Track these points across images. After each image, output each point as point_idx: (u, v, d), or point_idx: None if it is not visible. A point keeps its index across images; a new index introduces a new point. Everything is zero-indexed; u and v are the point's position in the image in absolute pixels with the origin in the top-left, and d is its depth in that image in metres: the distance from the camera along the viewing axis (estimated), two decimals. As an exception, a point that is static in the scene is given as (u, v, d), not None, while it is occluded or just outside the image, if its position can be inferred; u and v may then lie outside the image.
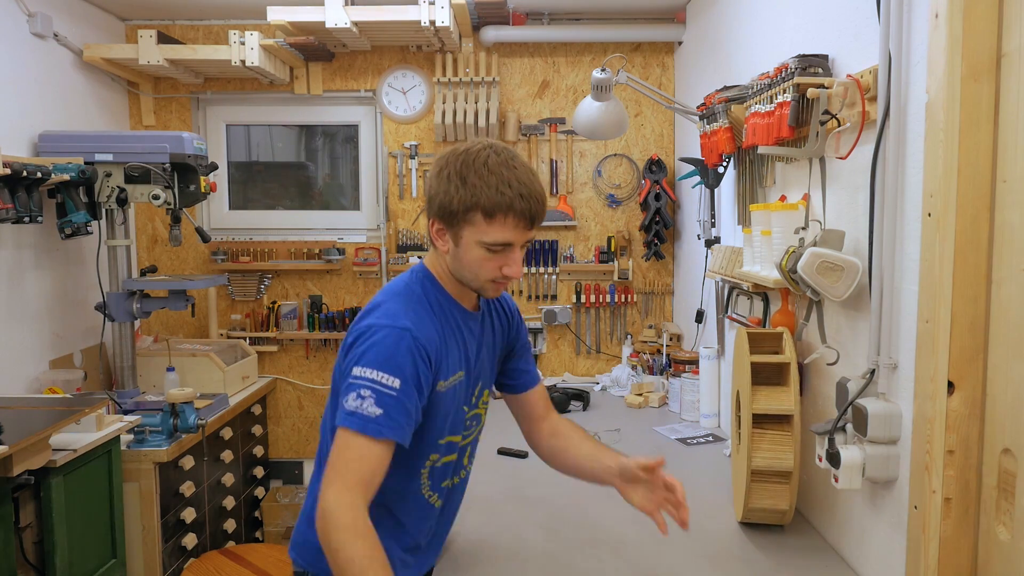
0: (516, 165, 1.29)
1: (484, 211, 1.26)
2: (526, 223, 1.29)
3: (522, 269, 1.35)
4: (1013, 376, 1.20)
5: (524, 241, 1.32)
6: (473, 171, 1.27)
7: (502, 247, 1.30)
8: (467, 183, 1.27)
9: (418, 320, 1.30)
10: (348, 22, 3.06)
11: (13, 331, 2.76)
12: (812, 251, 1.55)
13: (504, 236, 1.28)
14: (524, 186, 1.27)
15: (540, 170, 3.65)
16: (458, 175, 1.28)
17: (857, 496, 1.62)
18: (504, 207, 1.26)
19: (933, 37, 1.28)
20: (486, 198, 1.26)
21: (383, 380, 1.23)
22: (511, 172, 1.27)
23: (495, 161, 1.28)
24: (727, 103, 2.20)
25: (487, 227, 1.28)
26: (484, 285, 1.35)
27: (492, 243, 1.29)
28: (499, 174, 1.26)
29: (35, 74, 2.93)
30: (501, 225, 1.27)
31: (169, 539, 2.66)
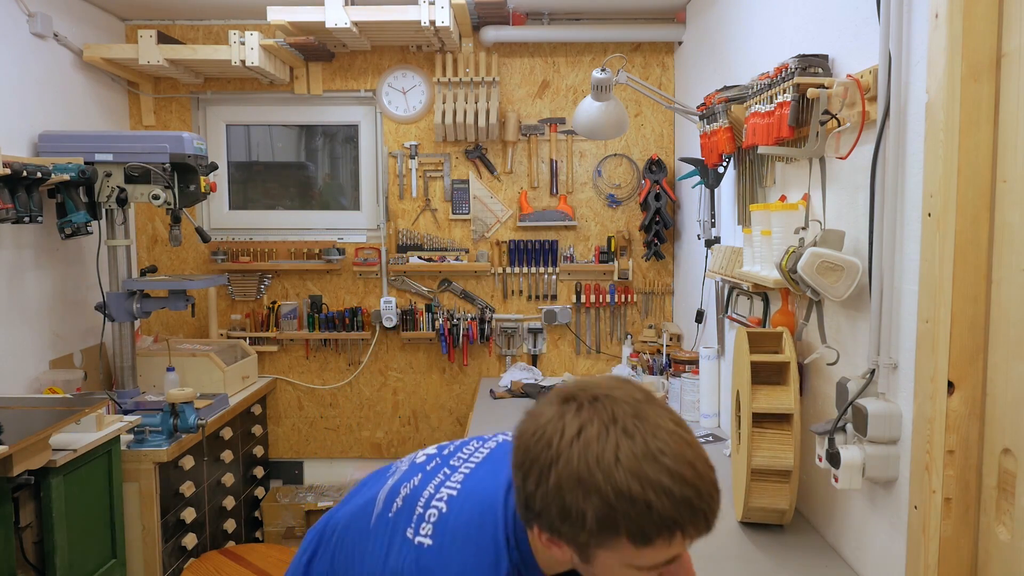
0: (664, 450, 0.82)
1: (634, 536, 0.83)
2: (696, 529, 0.85)
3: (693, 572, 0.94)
4: (1013, 376, 1.20)
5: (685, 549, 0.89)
6: (603, 475, 0.81)
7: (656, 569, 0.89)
8: (589, 495, 0.82)
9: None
10: (348, 22, 3.06)
11: (13, 331, 2.76)
12: (812, 251, 1.55)
13: (668, 554, 0.87)
14: (690, 486, 0.82)
15: (540, 170, 3.65)
16: (574, 480, 0.82)
17: (857, 496, 1.62)
18: (668, 527, 0.82)
19: (933, 37, 1.28)
20: (634, 518, 0.81)
21: None
22: (661, 463, 0.81)
23: (630, 452, 0.82)
24: (727, 103, 2.20)
25: (638, 552, 0.84)
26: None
27: (651, 566, 0.88)
28: (644, 476, 0.81)
29: (35, 74, 2.93)
30: (664, 548, 0.85)
31: (169, 539, 2.66)
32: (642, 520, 0.80)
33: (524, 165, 3.65)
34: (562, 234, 3.67)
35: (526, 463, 0.87)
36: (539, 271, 3.64)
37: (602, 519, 0.81)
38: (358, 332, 3.62)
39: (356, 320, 3.62)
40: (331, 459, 3.80)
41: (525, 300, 3.67)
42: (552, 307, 3.63)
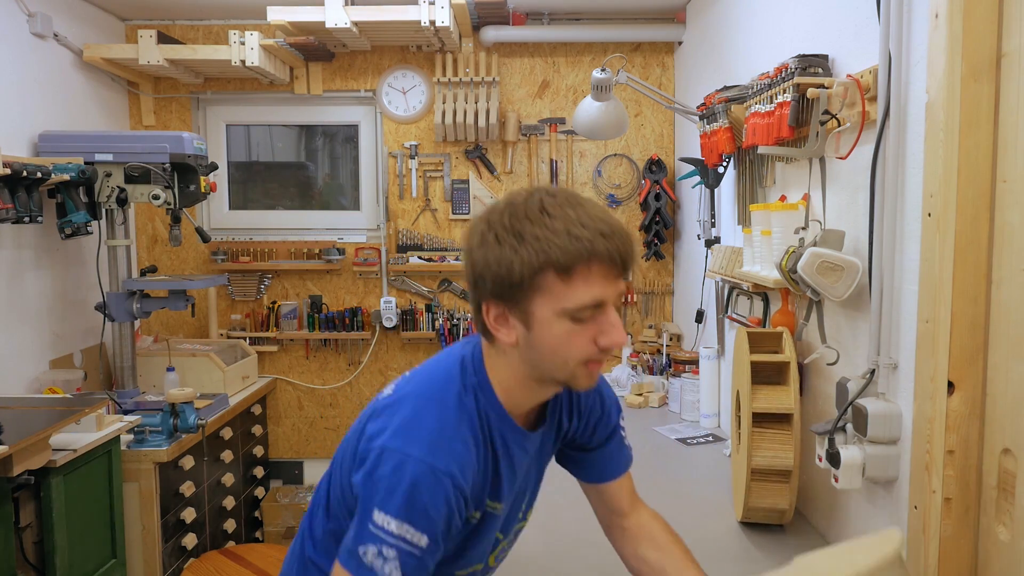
0: (582, 202, 0.98)
1: (558, 267, 0.94)
2: (616, 269, 0.97)
3: (624, 333, 1.03)
4: (1013, 376, 1.20)
5: (618, 295, 0.99)
6: (529, 221, 0.96)
7: (592, 310, 0.97)
8: (525, 238, 0.95)
9: (463, 454, 1.00)
10: (348, 22, 3.06)
11: (13, 331, 2.76)
12: (812, 251, 1.55)
13: (591, 294, 0.96)
14: (602, 222, 0.96)
15: (540, 170, 3.65)
16: (510, 232, 0.96)
17: (857, 496, 1.62)
18: (584, 254, 0.94)
19: (933, 37, 1.28)
20: (559, 250, 0.94)
21: (409, 537, 0.96)
22: (579, 210, 0.96)
23: (553, 203, 0.97)
24: (727, 103, 2.20)
25: (566, 288, 0.95)
26: (576, 372, 1.01)
27: (578, 308, 0.96)
28: (565, 216, 0.95)
29: (35, 74, 2.93)
30: (584, 280, 0.95)
31: (169, 539, 2.66)
32: (565, 250, 0.93)
33: (524, 165, 3.65)
34: (562, 234, 3.66)
35: (471, 239, 1.03)
36: (539, 271, 3.63)
37: (532, 257, 0.94)
38: (358, 332, 3.62)
39: (356, 320, 3.62)
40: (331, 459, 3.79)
41: (525, 300, 3.67)
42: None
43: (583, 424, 1.22)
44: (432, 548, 0.98)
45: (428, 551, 0.97)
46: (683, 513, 1.90)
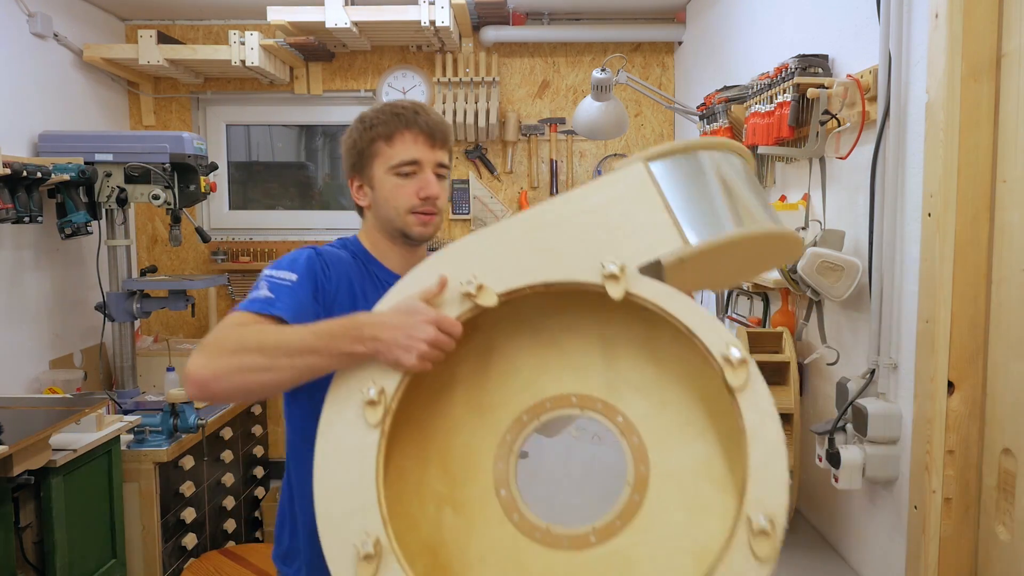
0: (412, 101, 1.34)
1: (384, 136, 1.28)
2: (427, 138, 1.28)
3: (441, 194, 1.30)
4: (1013, 376, 1.20)
5: (434, 162, 1.28)
6: (371, 112, 1.31)
7: (410, 167, 1.27)
8: (365, 122, 1.31)
9: (330, 250, 1.32)
10: (348, 22, 3.06)
11: (13, 331, 2.76)
12: (812, 251, 1.55)
13: (409, 154, 1.27)
14: (418, 106, 1.30)
15: (540, 170, 3.65)
16: (356, 124, 1.32)
17: (857, 496, 1.61)
18: (401, 124, 1.27)
19: (933, 37, 1.28)
20: (382, 123, 1.28)
21: (278, 275, 1.22)
22: (407, 102, 1.32)
23: (392, 101, 1.33)
24: (727, 103, 2.20)
25: (390, 150, 1.28)
26: (407, 221, 1.28)
27: (399, 164, 1.27)
28: (391, 104, 1.31)
29: (35, 74, 2.93)
30: (403, 143, 1.27)
31: (169, 539, 2.66)
32: (388, 122, 1.28)
33: (524, 165, 3.65)
34: (562, 234, 3.66)
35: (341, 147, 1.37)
36: (539, 271, 3.63)
37: (367, 132, 1.29)
38: (358, 332, 3.61)
39: (356, 320, 3.62)
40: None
41: (525, 300, 3.67)
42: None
43: None
44: (301, 283, 1.21)
45: (298, 285, 1.21)
46: (683, 513, 1.90)
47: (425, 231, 1.30)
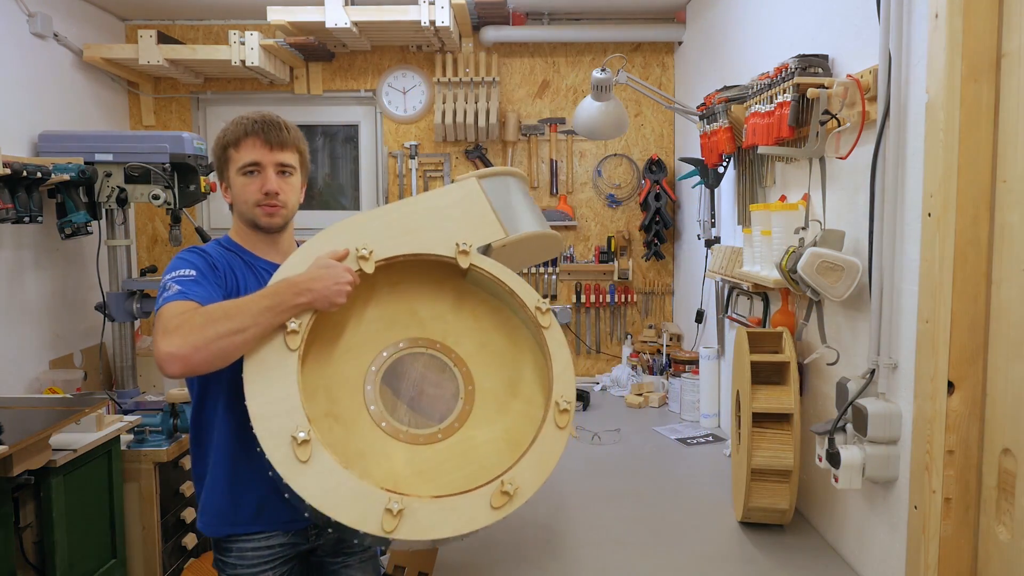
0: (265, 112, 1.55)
1: (232, 143, 1.50)
2: (264, 142, 1.50)
3: (284, 191, 1.52)
4: (1013, 376, 1.20)
5: (275, 163, 1.50)
6: (226, 124, 1.54)
7: (253, 167, 1.49)
8: (221, 132, 1.53)
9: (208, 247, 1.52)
10: (348, 22, 3.06)
11: (13, 331, 2.76)
12: (812, 251, 1.55)
13: (250, 156, 1.49)
14: (260, 116, 1.52)
15: (540, 170, 3.65)
16: (219, 134, 1.54)
17: (857, 496, 1.61)
18: (244, 131, 1.50)
19: (933, 37, 1.28)
20: (231, 133, 1.51)
21: (179, 273, 1.40)
22: (256, 114, 1.53)
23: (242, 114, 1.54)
24: (727, 103, 2.20)
25: (238, 155, 1.50)
26: (255, 212, 1.51)
27: (243, 165, 1.49)
28: (241, 116, 1.52)
29: (35, 74, 2.93)
30: (246, 148, 1.49)
31: (169, 539, 2.66)
32: (234, 131, 1.49)
33: (524, 165, 3.65)
34: (562, 234, 3.67)
35: None
36: (539, 271, 3.64)
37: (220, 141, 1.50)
38: (358, 332, 3.62)
39: (356, 320, 3.62)
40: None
41: (525, 300, 3.67)
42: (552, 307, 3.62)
43: None
44: (201, 276, 1.41)
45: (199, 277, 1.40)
46: (683, 513, 1.90)
47: (271, 221, 1.52)
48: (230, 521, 1.48)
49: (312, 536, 1.55)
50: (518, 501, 1.25)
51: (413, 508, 1.20)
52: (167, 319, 1.30)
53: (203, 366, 1.29)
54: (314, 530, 1.54)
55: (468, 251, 1.46)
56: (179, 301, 1.34)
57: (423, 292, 1.51)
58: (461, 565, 1.67)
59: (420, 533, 1.19)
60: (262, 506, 1.47)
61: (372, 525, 1.17)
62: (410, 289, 1.50)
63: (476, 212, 1.51)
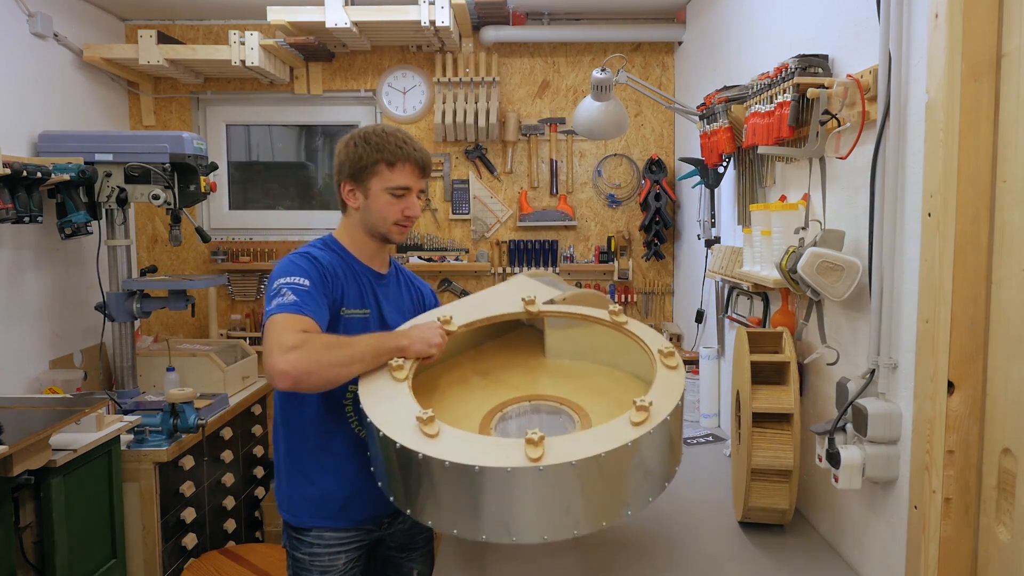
0: (404, 132, 1.70)
1: (387, 162, 1.64)
2: (420, 171, 1.67)
3: (419, 212, 1.71)
4: (1013, 376, 1.20)
5: (419, 189, 1.69)
6: (374, 135, 1.66)
7: (403, 191, 1.66)
8: (371, 143, 1.65)
9: (318, 251, 1.66)
10: (348, 22, 3.06)
11: (13, 331, 2.76)
12: (812, 251, 1.55)
13: (405, 181, 1.65)
14: (416, 143, 1.68)
15: (540, 170, 3.65)
16: (363, 139, 1.66)
17: (857, 496, 1.62)
18: (403, 157, 1.64)
19: (933, 37, 1.28)
20: (388, 152, 1.63)
21: (295, 281, 1.54)
22: (403, 135, 1.68)
23: (390, 128, 1.69)
24: (727, 103, 2.20)
25: (391, 174, 1.64)
26: (391, 229, 1.68)
27: (395, 187, 1.65)
28: (394, 135, 1.67)
29: (35, 74, 2.93)
30: (401, 172, 1.65)
31: (169, 539, 2.66)
32: (393, 151, 1.63)
33: (524, 165, 3.65)
34: (562, 234, 3.67)
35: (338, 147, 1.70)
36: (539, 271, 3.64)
37: (373, 154, 1.64)
38: (358, 332, 3.62)
39: (356, 320, 3.62)
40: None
41: (525, 300, 3.67)
42: (552, 307, 3.62)
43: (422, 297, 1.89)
44: (315, 288, 1.55)
45: (313, 288, 1.54)
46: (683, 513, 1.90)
47: (401, 239, 1.76)
48: (315, 514, 1.68)
49: (384, 525, 1.76)
50: (656, 418, 1.29)
51: (553, 440, 1.24)
52: (284, 333, 1.43)
53: (310, 388, 1.45)
54: (387, 519, 1.74)
55: (533, 300, 1.68)
56: (295, 315, 1.48)
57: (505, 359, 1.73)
58: (461, 562, 1.67)
59: (566, 455, 1.20)
60: (347, 505, 1.67)
61: (518, 459, 1.19)
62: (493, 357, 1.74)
63: (531, 287, 1.80)
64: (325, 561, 1.70)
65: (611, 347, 1.69)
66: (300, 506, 1.70)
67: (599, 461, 1.21)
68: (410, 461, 1.25)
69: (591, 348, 1.72)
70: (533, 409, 1.56)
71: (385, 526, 1.77)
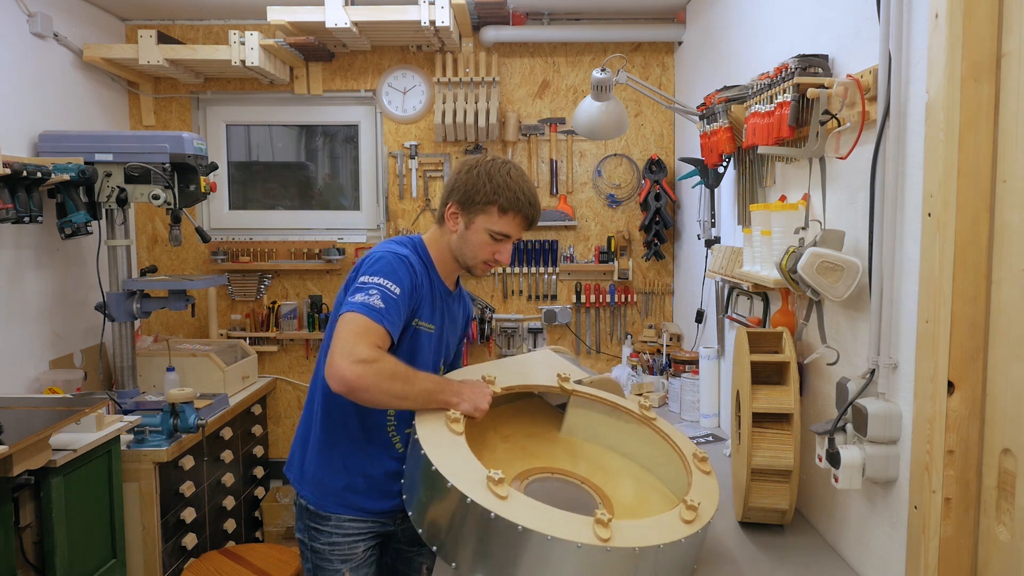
0: (527, 181, 1.71)
1: (501, 207, 1.66)
2: (526, 225, 1.71)
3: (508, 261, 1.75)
4: (1013, 376, 1.20)
5: (518, 238, 1.73)
6: (499, 174, 1.67)
7: (503, 237, 1.69)
8: (493, 181, 1.66)
9: (409, 256, 1.68)
10: (348, 22, 3.06)
11: (13, 331, 2.76)
12: (812, 251, 1.55)
13: (508, 229, 1.68)
14: (534, 197, 1.70)
15: (540, 170, 3.65)
16: (487, 174, 1.67)
17: (857, 496, 1.62)
18: (517, 207, 1.66)
19: (933, 37, 1.28)
20: (506, 198, 1.65)
21: (388, 286, 1.56)
22: (526, 184, 1.69)
23: (516, 173, 1.69)
24: (727, 103, 2.20)
25: (499, 219, 1.67)
26: (477, 264, 1.73)
27: (498, 232, 1.67)
28: (518, 183, 1.67)
29: (35, 74, 2.93)
30: (510, 221, 1.67)
31: (169, 539, 2.66)
32: (509, 199, 1.65)
33: (524, 165, 3.65)
34: (562, 234, 3.67)
35: (459, 167, 1.73)
36: (539, 271, 3.64)
37: (491, 193, 1.65)
38: (358, 332, 3.62)
39: (356, 320, 3.62)
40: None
41: (525, 300, 3.68)
42: (552, 307, 3.63)
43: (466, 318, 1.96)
44: (403, 299, 1.58)
45: (401, 299, 1.57)
46: (683, 513, 1.90)
47: (482, 276, 1.80)
48: (341, 502, 1.74)
49: (399, 520, 1.82)
50: (704, 517, 1.38)
51: (618, 523, 1.29)
52: (360, 342, 1.47)
53: (357, 398, 1.48)
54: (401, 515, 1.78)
55: (568, 379, 1.76)
56: (375, 323, 1.51)
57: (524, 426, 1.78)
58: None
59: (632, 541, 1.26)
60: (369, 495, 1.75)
61: (587, 536, 1.23)
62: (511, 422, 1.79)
63: (559, 363, 1.89)
64: (345, 549, 1.75)
65: (626, 436, 1.76)
66: (327, 491, 1.75)
67: (656, 552, 1.27)
68: (472, 514, 1.29)
69: (605, 434, 1.78)
70: (559, 483, 1.60)
71: (399, 521, 1.83)
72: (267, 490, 3.70)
